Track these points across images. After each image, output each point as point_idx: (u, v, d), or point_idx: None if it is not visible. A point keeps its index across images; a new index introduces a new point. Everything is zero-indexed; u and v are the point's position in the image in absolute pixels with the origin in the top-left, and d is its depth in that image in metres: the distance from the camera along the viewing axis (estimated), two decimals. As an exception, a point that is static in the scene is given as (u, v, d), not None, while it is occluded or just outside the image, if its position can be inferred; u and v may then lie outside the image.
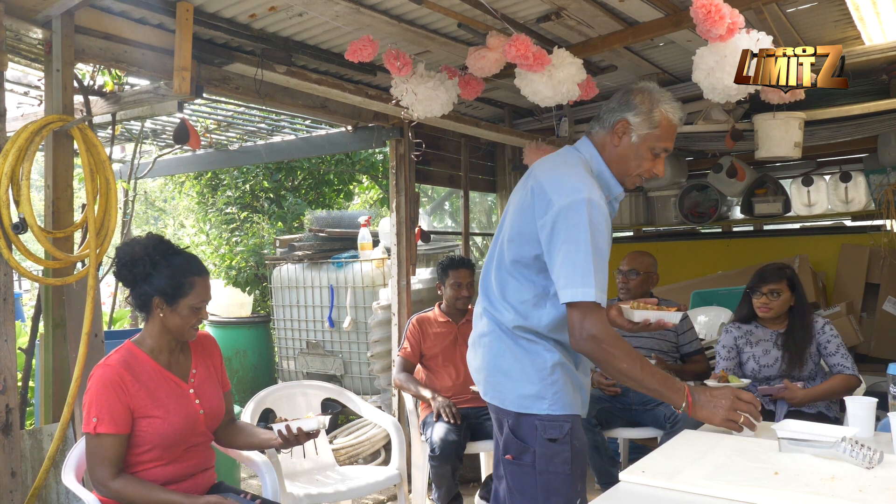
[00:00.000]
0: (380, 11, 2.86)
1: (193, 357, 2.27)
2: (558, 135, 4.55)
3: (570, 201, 1.83)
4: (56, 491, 2.64)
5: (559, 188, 1.88)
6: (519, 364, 1.94)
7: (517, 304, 1.95)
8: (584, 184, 1.87)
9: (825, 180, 5.16)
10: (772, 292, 3.12)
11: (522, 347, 1.94)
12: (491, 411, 2.04)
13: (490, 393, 1.99)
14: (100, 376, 2.06)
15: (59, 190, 2.66)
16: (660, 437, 3.37)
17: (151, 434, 2.08)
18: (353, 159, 7.19)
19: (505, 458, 1.96)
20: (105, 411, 2.02)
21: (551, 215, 1.85)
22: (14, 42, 2.86)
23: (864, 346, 4.71)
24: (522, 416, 1.92)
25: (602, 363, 1.86)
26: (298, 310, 5.34)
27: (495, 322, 1.99)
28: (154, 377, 2.13)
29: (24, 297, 7.86)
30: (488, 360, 1.99)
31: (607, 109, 2.01)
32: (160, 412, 2.09)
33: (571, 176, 1.90)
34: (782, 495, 1.62)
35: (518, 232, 1.95)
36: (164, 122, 4.71)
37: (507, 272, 1.98)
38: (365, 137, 4.44)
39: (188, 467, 2.19)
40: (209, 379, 2.28)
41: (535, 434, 1.90)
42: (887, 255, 4.79)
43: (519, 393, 1.92)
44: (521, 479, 1.93)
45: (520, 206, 1.98)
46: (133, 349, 2.15)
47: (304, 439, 2.22)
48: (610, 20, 3.06)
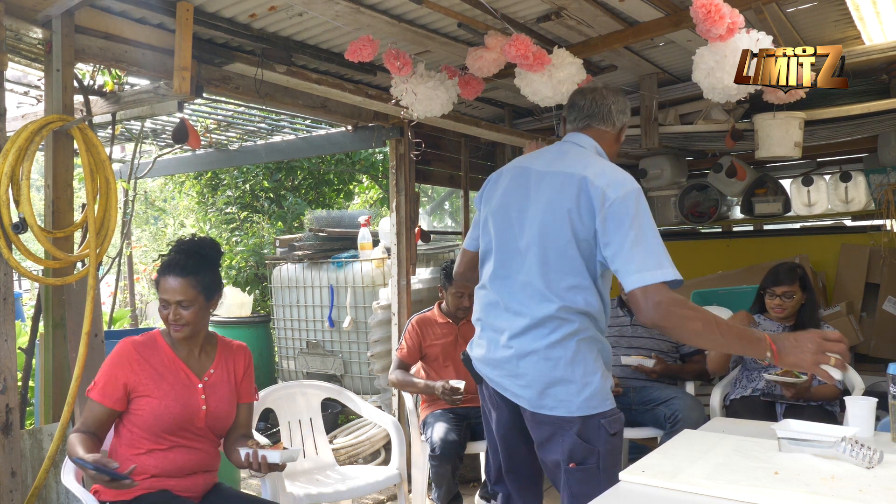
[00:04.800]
0: (380, 11, 2.86)
1: (216, 359, 2.34)
2: (558, 134, 4.53)
3: (625, 192, 1.92)
4: (56, 491, 2.64)
5: (610, 181, 1.94)
6: (577, 368, 1.96)
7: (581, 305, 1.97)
8: (629, 177, 1.97)
9: (825, 180, 5.16)
10: (785, 294, 3.19)
11: (577, 350, 1.96)
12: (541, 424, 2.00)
13: (549, 405, 1.97)
14: (115, 349, 2.22)
15: (59, 190, 2.66)
16: (660, 437, 3.37)
17: (148, 413, 2.16)
18: (353, 159, 7.19)
19: (569, 468, 1.95)
20: (102, 380, 2.18)
21: (611, 208, 1.91)
22: (14, 42, 2.86)
23: (864, 346, 4.70)
24: (589, 418, 1.94)
25: (677, 328, 1.87)
26: (298, 310, 5.34)
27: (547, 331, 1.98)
28: (166, 363, 2.23)
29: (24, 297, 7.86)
30: (542, 375, 1.97)
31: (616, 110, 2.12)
32: (160, 393, 2.17)
33: (613, 168, 2.00)
34: (782, 495, 1.62)
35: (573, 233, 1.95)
36: (164, 122, 4.71)
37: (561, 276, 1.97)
38: (365, 137, 4.44)
39: (188, 462, 2.21)
40: (225, 383, 2.32)
41: (599, 433, 1.94)
42: (887, 255, 4.79)
43: (585, 396, 1.95)
44: (587, 484, 1.93)
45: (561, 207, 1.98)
46: (157, 337, 2.29)
47: (266, 469, 2.17)
48: (610, 20, 3.05)
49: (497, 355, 2.07)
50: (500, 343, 2.06)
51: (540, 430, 2.02)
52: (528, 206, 2.06)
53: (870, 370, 4.18)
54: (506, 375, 2.05)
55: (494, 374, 2.09)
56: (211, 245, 2.34)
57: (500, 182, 2.20)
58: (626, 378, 3.56)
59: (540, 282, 1.99)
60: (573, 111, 2.18)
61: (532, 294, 2.01)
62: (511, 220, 2.09)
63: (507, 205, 2.12)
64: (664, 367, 3.46)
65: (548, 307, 1.97)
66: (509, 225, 2.09)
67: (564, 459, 1.97)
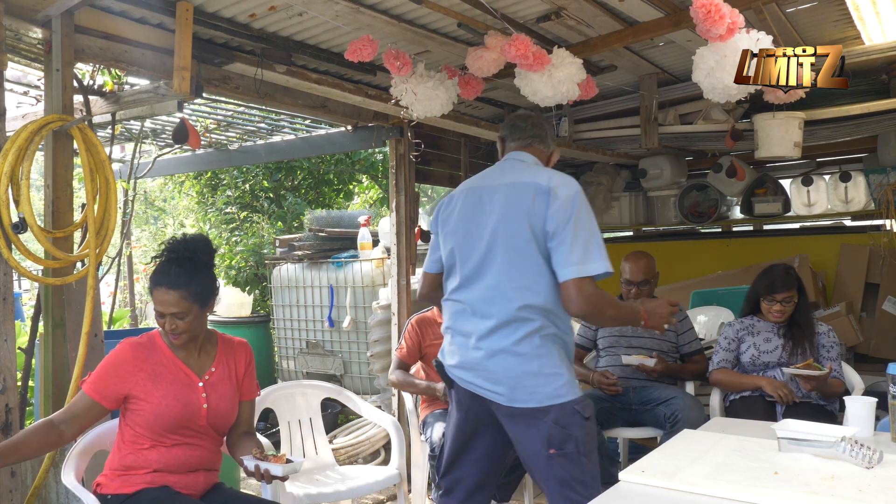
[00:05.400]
0: (380, 11, 2.86)
1: (217, 357, 2.33)
2: (558, 134, 4.55)
3: (572, 192, 2.14)
4: (56, 491, 2.64)
5: (558, 183, 2.16)
6: (544, 361, 2.11)
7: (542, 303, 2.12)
8: (574, 180, 2.20)
9: (825, 180, 5.16)
10: (785, 300, 3.22)
11: (542, 345, 2.12)
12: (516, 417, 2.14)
13: (522, 398, 2.11)
14: (114, 350, 2.21)
15: (59, 190, 2.66)
16: (660, 437, 3.37)
17: (148, 414, 2.15)
18: (353, 159, 7.19)
19: (550, 454, 2.09)
20: (96, 376, 2.16)
21: (559, 204, 2.11)
22: (14, 42, 2.86)
23: (863, 346, 4.71)
24: (562, 405, 2.09)
25: (597, 314, 2.16)
26: (298, 309, 5.34)
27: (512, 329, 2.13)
28: (165, 364, 2.22)
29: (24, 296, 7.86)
30: (512, 371, 2.12)
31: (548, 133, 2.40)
32: (159, 393, 2.17)
33: (558, 174, 2.22)
34: (782, 495, 1.62)
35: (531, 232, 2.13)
36: (163, 122, 4.70)
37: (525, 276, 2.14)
38: (365, 137, 4.44)
39: (190, 459, 2.21)
40: (226, 382, 2.31)
41: (574, 419, 2.09)
42: (887, 255, 4.79)
43: (555, 385, 2.10)
44: (572, 468, 2.09)
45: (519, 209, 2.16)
46: (156, 337, 2.27)
47: (269, 480, 2.18)
48: (610, 20, 3.06)
49: (468, 357, 2.20)
50: (469, 346, 2.20)
51: (516, 424, 2.15)
52: (485, 220, 2.23)
53: (869, 370, 4.19)
54: (479, 376, 2.18)
55: (468, 375, 2.21)
56: (203, 247, 2.27)
57: (453, 205, 2.36)
58: (626, 378, 3.56)
59: (503, 284, 2.15)
60: (516, 132, 2.40)
61: (496, 296, 2.16)
62: (471, 235, 2.25)
63: (466, 222, 2.28)
64: (665, 366, 3.46)
65: (511, 307, 2.13)
66: (469, 239, 2.25)
67: (544, 447, 2.09)
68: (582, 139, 4.73)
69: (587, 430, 2.11)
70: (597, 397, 3.51)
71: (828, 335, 3.26)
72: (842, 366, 3.24)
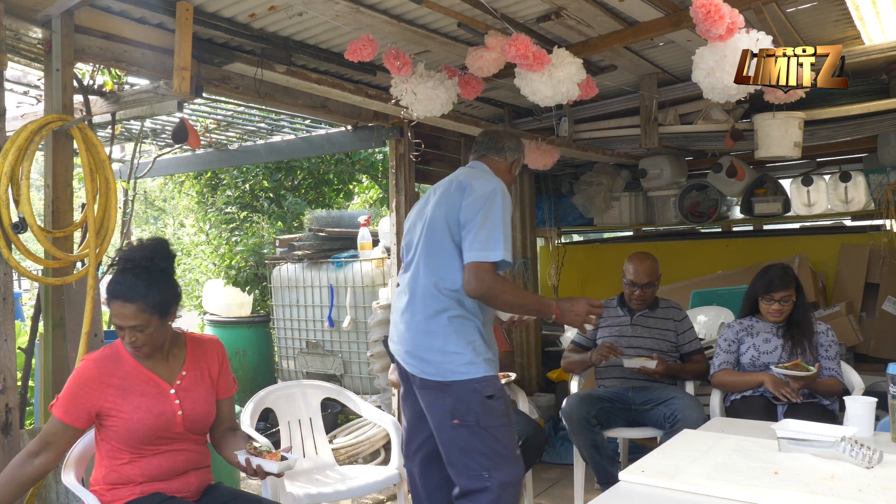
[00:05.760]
0: (380, 11, 2.86)
1: (187, 360, 2.24)
2: (558, 134, 4.55)
3: (490, 188, 2.38)
4: (56, 491, 2.64)
5: (480, 182, 2.42)
6: (449, 340, 2.34)
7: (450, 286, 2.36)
8: (497, 180, 2.45)
9: (825, 180, 5.16)
10: (784, 299, 3.22)
11: (449, 325, 2.35)
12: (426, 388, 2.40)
13: (430, 371, 2.37)
14: (78, 369, 2.14)
15: (59, 189, 2.66)
16: (660, 437, 3.37)
17: (121, 429, 2.09)
18: (353, 159, 7.19)
19: (453, 423, 2.33)
20: (63, 398, 2.09)
21: (473, 198, 2.36)
22: (14, 42, 2.86)
23: (863, 346, 4.71)
24: (463, 382, 2.31)
25: (492, 297, 2.31)
26: (298, 309, 5.34)
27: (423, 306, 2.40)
28: (131, 376, 2.13)
29: (23, 296, 7.86)
30: (421, 344, 2.39)
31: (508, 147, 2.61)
32: (129, 408, 2.09)
33: (487, 175, 2.49)
34: (782, 495, 1.62)
35: (446, 222, 2.40)
36: (163, 122, 4.70)
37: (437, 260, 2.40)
38: (365, 137, 4.44)
39: (175, 463, 2.17)
40: (200, 384, 2.23)
41: (473, 396, 2.30)
42: (887, 255, 4.79)
43: (456, 363, 2.32)
44: (472, 438, 2.31)
45: (442, 202, 2.46)
46: (120, 348, 2.16)
47: (263, 476, 2.15)
48: (610, 20, 3.05)
49: (395, 331, 2.51)
50: (396, 321, 2.51)
51: (426, 394, 2.41)
52: (425, 214, 2.53)
53: (869, 370, 4.18)
54: (401, 350, 2.47)
55: (396, 348, 2.51)
56: (161, 253, 2.15)
57: (412, 211, 2.69)
58: (626, 378, 3.56)
59: (422, 265, 2.43)
60: (475, 146, 2.68)
61: (416, 278, 2.45)
62: (415, 227, 2.57)
63: (414, 218, 2.62)
64: (665, 366, 3.46)
65: (424, 285, 2.40)
66: (413, 231, 2.58)
67: (448, 417, 2.34)
68: (582, 139, 4.73)
69: (489, 408, 2.31)
70: (597, 397, 3.52)
71: (826, 334, 3.26)
72: (841, 365, 3.24)
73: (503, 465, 2.31)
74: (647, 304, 3.69)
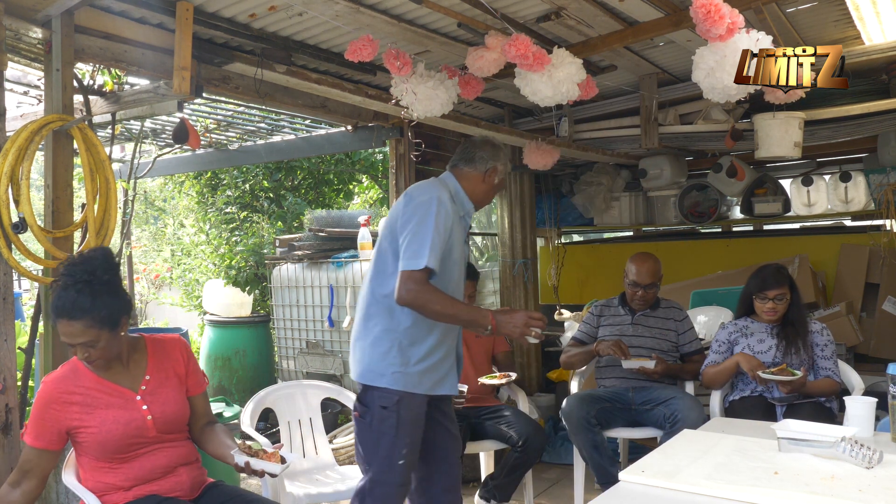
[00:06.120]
0: (380, 11, 2.86)
1: (149, 364, 2.20)
2: (558, 134, 4.55)
3: (426, 198, 2.44)
4: (56, 491, 2.64)
5: (419, 190, 2.51)
6: (375, 347, 2.48)
7: (384, 292, 2.46)
8: (439, 189, 2.50)
9: (825, 180, 5.15)
10: (777, 297, 3.21)
11: (373, 334, 2.49)
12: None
13: (353, 368, 2.56)
14: (38, 392, 2.11)
15: (59, 189, 2.66)
16: (660, 437, 3.37)
17: (92, 443, 2.08)
18: (353, 159, 7.18)
19: (355, 415, 2.54)
20: (32, 424, 2.08)
21: (411, 206, 2.44)
22: (14, 42, 2.86)
23: (863, 346, 4.70)
24: (367, 387, 2.49)
25: (420, 306, 2.37)
26: (298, 309, 5.34)
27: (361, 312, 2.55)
28: (93, 391, 2.10)
29: (24, 296, 7.86)
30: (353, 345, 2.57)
31: (479, 157, 2.61)
32: (96, 422, 2.08)
33: (430, 185, 2.55)
34: (782, 495, 1.62)
35: (390, 229, 2.48)
36: (163, 122, 4.70)
37: (379, 267, 2.50)
38: (365, 137, 4.44)
39: (158, 463, 2.15)
40: (166, 385, 2.20)
41: (373, 401, 2.47)
42: (887, 255, 4.78)
43: (365, 368, 2.49)
44: (363, 432, 2.52)
45: (391, 212, 2.56)
46: (77, 365, 2.13)
47: (261, 475, 2.13)
48: (610, 20, 3.06)
49: None
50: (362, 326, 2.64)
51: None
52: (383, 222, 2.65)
53: (869, 370, 4.18)
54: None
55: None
56: (102, 264, 2.07)
57: None
58: (626, 378, 3.56)
59: (370, 273, 2.54)
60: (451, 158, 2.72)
61: (364, 282, 2.58)
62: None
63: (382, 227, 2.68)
64: (665, 367, 3.46)
65: (366, 292, 2.54)
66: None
67: (353, 408, 2.58)
68: (582, 139, 4.73)
69: (382, 415, 2.45)
70: (597, 397, 3.52)
71: (821, 334, 3.25)
72: (838, 364, 3.24)
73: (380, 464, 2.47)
74: (649, 305, 3.69)
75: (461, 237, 2.58)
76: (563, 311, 5.48)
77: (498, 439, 3.48)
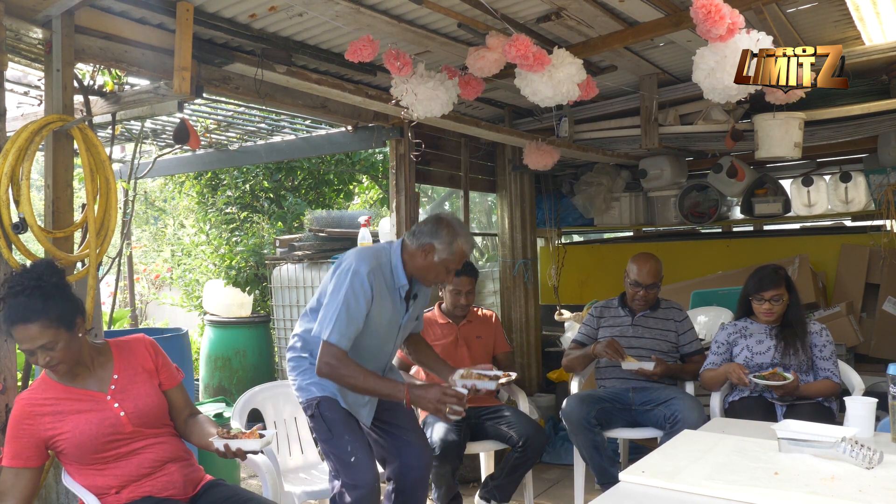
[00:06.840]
0: (380, 11, 2.86)
1: (116, 365, 2.23)
2: (558, 135, 4.55)
3: (346, 267, 2.57)
4: (56, 491, 2.64)
5: (349, 258, 2.60)
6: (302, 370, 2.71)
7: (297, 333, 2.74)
8: (364, 260, 2.57)
9: (825, 180, 5.16)
10: (774, 298, 3.21)
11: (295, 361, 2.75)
12: None
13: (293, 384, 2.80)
14: (13, 412, 2.13)
15: (59, 190, 2.66)
16: (660, 437, 3.37)
17: (70, 448, 2.11)
18: (353, 159, 7.18)
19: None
20: (8, 443, 2.10)
21: (336, 273, 2.59)
22: (14, 42, 2.86)
23: (864, 346, 4.71)
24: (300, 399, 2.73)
25: (338, 381, 2.56)
26: (298, 310, 5.33)
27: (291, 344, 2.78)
28: (63, 400, 2.14)
29: (24, 296, 7.84)
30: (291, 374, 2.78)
31: (420, 231, 2.65)
32: (69, 427, 2.10)
33: (362, 254, 2.62)
34: (782, 495, 1.62)
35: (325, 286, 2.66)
36: (164, 122, 4.70)
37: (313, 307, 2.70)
38: (365, 137, 4.44)
39: (145, 461, 2.16)
40: (135, 381, 2.22)
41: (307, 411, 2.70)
42: (887, 255, 4.79)
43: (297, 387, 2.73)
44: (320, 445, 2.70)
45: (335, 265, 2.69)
46: (45, 379, 2.16)
47: (243, 457, 2.16)
48: (610, 20, 3.06)
49: None
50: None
51: None
52: None
53: (870, 370, 4.18)
54: None
55: None
56: (47, 270, 2.11)
57: None
58: (626, 379, 3.56)
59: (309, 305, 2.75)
60: None
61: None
62: None
63: None
64: (664, 367, 3.46)
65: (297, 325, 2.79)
66: None
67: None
68: (582, 139, 4.73)
69: (315, 423, 2.66)
70: (597, 398, 3.52)
71: (820, 334, 3.25)
72: (837, 365, 3.24)
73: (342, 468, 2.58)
74: (650, 305, 3.69)
75: (391, 306, 2.65)
76: (563, 311, 5.48)
77: (498, 439, 3.48)
